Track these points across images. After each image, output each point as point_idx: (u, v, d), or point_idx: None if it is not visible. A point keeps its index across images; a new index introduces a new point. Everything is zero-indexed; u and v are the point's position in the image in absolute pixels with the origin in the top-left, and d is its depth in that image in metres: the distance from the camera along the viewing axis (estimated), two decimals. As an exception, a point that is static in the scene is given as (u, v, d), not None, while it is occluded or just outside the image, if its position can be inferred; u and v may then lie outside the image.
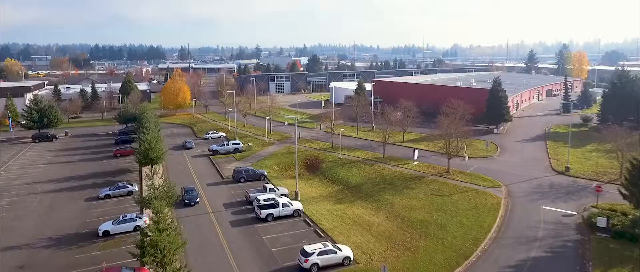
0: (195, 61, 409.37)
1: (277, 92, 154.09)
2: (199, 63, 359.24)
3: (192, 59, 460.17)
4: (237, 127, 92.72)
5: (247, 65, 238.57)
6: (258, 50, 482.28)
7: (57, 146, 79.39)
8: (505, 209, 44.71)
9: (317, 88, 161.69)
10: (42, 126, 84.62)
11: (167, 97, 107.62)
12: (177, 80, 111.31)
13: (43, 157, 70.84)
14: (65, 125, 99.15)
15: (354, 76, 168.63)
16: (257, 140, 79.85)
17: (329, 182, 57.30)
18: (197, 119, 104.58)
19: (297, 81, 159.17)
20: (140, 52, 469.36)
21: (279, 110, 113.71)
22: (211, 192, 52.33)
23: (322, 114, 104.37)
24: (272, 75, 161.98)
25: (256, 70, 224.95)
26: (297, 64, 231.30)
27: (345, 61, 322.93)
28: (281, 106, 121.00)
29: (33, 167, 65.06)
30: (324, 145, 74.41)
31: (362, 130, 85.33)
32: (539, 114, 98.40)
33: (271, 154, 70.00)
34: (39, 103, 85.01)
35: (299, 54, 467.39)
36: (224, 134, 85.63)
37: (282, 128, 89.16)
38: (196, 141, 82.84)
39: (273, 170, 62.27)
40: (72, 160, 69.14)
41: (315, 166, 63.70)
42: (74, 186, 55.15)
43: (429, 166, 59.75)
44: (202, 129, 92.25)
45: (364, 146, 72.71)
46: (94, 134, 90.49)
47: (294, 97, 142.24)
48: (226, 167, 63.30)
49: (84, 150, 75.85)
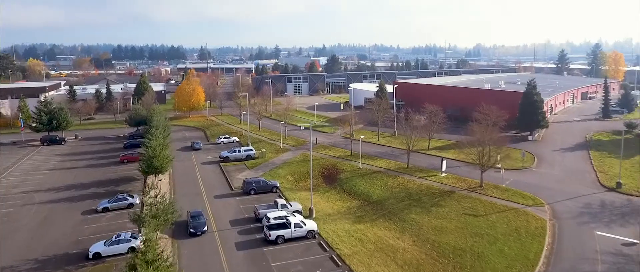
0: (215, 61, 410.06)
1: (295, 93, 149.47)
2: (218, 63, 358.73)
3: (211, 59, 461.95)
4: (251, 131, 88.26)
5: (264, 65, 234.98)
6: (277, 50, 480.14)
7: (65, 150, 76.45)
8: (552, 234, 38.57)
9: (336, 89, 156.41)
10: (52, 129, 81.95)
11: (181, 99, 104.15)
12: (191, 81, 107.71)
13: (48, 162, 67.77)
14: (77, 127, 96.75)
15: (374, 77, 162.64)
16: (272, 146, 75.13)
17: (347, 195, 52.00)
18: (211, 122, 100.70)
19: (315, 82, 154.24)
20: (161, 52, 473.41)
21: (296, 113, 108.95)
22: (218, 206, 47.72)
23: (341, 117, 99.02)
24: (289, 76, 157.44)
25: (274, 71, 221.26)
26: (315, 64, 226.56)
27: (365, 61, 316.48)
28: (298, 108, 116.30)
29: (36, 173, 61.88)
30: (342, 152, 69.13)
31: (383, 135, 79.68)
32: (575, 119, 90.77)
33: (285, 162, 65.11)
34: (49, 105, 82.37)
35: (318, 54, 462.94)
36: (237, 139, 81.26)
37: (298, 133, 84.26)
38: (207, 145, 78.72)
39: (287, 180, 57.33)
40: (76, 166, 65.79)
41: (332, 176, 58.49)
42: (73, 197, 51.42)
43: (459, 178, 53.77)
44: (214, 133, 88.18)
45: (386, 154, 67.10)
46: (104, 137, 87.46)
47: (311, 99, 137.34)
48: (236, 176, 58.71)
49: (91, 154, 72.60)
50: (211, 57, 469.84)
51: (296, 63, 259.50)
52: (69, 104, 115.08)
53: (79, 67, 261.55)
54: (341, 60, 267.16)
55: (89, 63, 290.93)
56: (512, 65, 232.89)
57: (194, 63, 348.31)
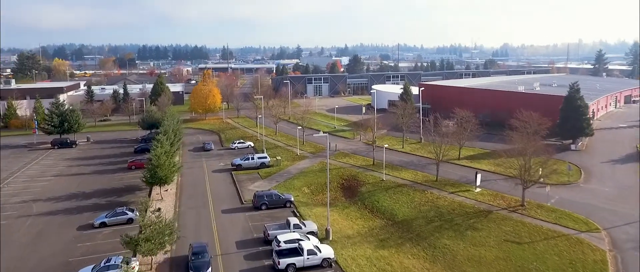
0: (237, 61, 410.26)
1: (315, 94, 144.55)
2: (239, 63, 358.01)
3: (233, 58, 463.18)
4: (268, 135, 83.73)
5: (285, 65, 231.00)
6: (299, 50, 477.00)
7: (75, 154, 73.62)
8: (615, 271, 32.20)
9: (358, 91, 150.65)
10: (63, 131, 79.43)
11: (196, 101, 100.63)
12: (207, 82, 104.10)
13: (55, 168, 64.82)
14: (92, 129, 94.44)
15: (397, 78, 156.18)
16: (288, 152, 70.29)
17: (369, 212, 46.57)
18: (227, 125, 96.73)
19: (336, 83, 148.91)
20: (184, 52, 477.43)
21: (315, 116, 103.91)
22: (224, 223, 43.09)
23: (363, 121, 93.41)
24: (309, 77, 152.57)
25: (295, 71, 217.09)
26: (337, 65, 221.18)
27: (388, 61, 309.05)
28: (318, 111, 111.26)
29: (40, 180, 58.83)
30: (363, 161, 63.66)
31: (408, 142, 73.76)
32: (622, 126, 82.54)
33: (302, 171, 60.11)
34: (60, 107, 79.88)
35: (340, 54, 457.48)
36: (252, 144, 76.79)
37: (317, 138, 79.10)
38: (221, 151, 74.56)
39: (302, 193, 52.31)
40: (83, 172, 62.54)
41: (353, 188, 53.17)
42: (72, 208, 47.78)
43: (497, 194, 47.57)
44: (229, 137, 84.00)
45: (412, 164, 61.26)
46: (116, 140, 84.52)
47: (332, 101, 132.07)
48: (248, 187, 54.05)
49: (100, 159, 69.42)
50: (233, 57, 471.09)
51: (317, 63, 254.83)
52: (85, 105, 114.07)
53: (103, 67, 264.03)
54: (363, 61, 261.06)
55: (113, 63, 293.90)
56: (545, 65, 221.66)
57: (216, 63, 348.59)
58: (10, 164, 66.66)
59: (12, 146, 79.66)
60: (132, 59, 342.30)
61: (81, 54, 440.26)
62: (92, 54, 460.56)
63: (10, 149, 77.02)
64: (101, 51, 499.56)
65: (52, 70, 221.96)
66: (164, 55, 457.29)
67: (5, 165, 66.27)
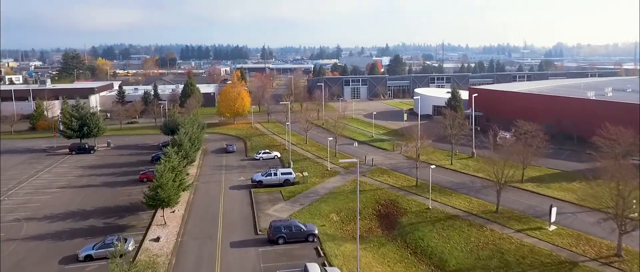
0: (275, 61, 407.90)
1: (352, 97, 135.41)
2: (278, 63, 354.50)
3: (272, 58, 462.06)
4: (297, 143, 75.65)
5: (322, 66, 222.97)
6: (338, 50, 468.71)
7: (90, 161, 68.75)
8: None
9: (399, 93, 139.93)
10: (83, 136, 75.10)
11: (224, 104, 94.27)
12: (236, 84, 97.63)
13: (64, 177, 59.79)
14: (116, 132, 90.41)
15: (442, 80, 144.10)
16: (317, 166, 61.79)
17: (411, 254, 37.13)
18: (255, 131, 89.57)
19: (375, 85, 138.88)
20: (225, 52, 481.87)
21: (351, 122, 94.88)
22: (230, 263, 35.15)
23: (404, 130, 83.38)
24: (346, 78, 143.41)
25: (333, 72, 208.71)
26: (377, 65, 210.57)
27: (431, 62, 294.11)
28: (354, 116, 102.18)
29: (44, 192, 53.67)
30: (405, 180, 54.04)
31: (458, 156, 63.28)
32: None
33: (332, 191, 51.34)
34: (80, 110, 75.58)
35: (380, 53, 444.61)
36: (279, 155, 68.89)
37: (351, 149, 70.08)
38: (244, 161, 67.21)
39: (330, 222, 43.58)
40: (92, 183, 56.98)
41: (391, 217, 43.91)
42: (64, 231, 41.66)
43: (580, 236, 36.72)
44: (255, 145, 76.61)
45: (464, 186, 51.00)
46: (138, 145, 79.33)
47: (370, 105, 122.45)
48: (267, 210, 46.01)
49: (114, 168, 63.95)
50: (272, 57, 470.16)
51: (357, 64, 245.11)
52: (116, 106, 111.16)
53: (145, 67, 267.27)
54: (405, 61, 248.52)
55: (154, 63, 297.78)
56: (610, 67, 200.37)
57: (255, 63, 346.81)
58: (22, 172, 62.44)
59: (33, 150, 76.27)
60: (174, 59, 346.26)
61: (128, 54, 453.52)
62: (139, 53, 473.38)
63: (29, 154, 73.50)
64: (148, 51, 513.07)
65: (96, 70, 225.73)
66: (206, 55, 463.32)
67: (17, 173, 62.12)
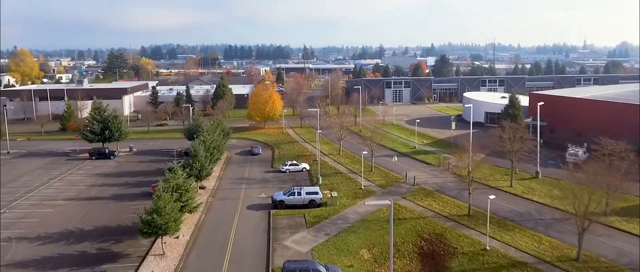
0: (316, 61, 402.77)
1: (394, 100, 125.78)
2: (318, 63, 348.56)
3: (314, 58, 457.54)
4: (330, 153, 67.86)
5: (363, 66, 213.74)
6: (381, 50, 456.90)
7: (108, 168, 64.35)
8: None
9: (446, 97, 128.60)
10: (104, 140, 71.18)
11: (254, 108, 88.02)
12: (267, 86, 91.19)
13: (75, 187, 55.33)
14: (143, 135, 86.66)
15: (494, 83, 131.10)
16: (350, 183, 53.62)
17: (464, 319, 28.22)
18: (285, 137, 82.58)
19: (419, 88, 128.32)
20: (267, 52, 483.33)
21: (391, 129, 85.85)
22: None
23: (453, 140, 73.55)
24: (388, 80, 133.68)
25: (375, 73, 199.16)
26: (421, 66, 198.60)
27: (480, 62, 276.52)
28: (395, 122, 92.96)
29: (48, 205, 49.17)
30: (453, 206, 44.82)
31: (518, 176, 53.03)
32: None
33: (364, 217, 43.04)
34: (102, 112, 71.68)
35: (425, 53, 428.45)
36: (307, 167, 61.26)
37: (390, 163, 61.16)
38: (268, 173, 60.16)
39: (359, 261, 35.36)
40: (100, 195, 52.01)
41: (437, 258, 35.12)
42: (51, 258, 36.28)
43: None
44: (283, 154, 69.49)
45: (529, 217, 41.13)
46: (161, 151, 74.42)
47: (413, 109, 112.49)
48: (285, 241, 38.48)
49: (128, 177, 58.97)
50: (314, 57, 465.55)
51: (400, 64, 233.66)
52: (148, 107, 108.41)
53: (188, 66, 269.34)
54: (452, 61, 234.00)
55: (196, 62, 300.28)
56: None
57: (296, 63, 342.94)
58: (36, 179, 58.76)
59: (56, 153, 73.28)
60: (216, 59, 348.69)
61: (175, 54, 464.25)
62: (186, 53, 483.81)
63: (51, 158, 70.39)
64: (194, 51, 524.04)
65: (140, 69, 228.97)
66: (248, 55, 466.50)
67: (30, 179, 58.51)
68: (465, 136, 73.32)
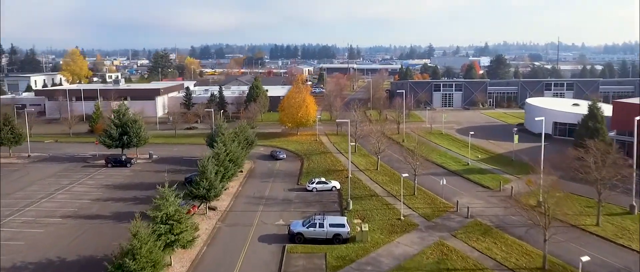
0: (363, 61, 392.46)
1: (443, 105, 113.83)
2: (364, 63, 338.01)
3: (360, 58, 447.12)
4: (366, 168, 58.59)
5: (409, 67, 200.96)
6: (430, 50, 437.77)
7: (120, 178, 58.88)
8: None
9: (503, 102, 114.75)
10: (122, 145, 66.17)
11: (286, 112, 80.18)
12: (301, 89, 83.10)
13: (78, 201, 49.92)
14: (170, 140, 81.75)
15: (561, 86, 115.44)
16: (386, 211, 44.11)
17: None
18: (318, 146, 74.05)
19: (473, 91, 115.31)
20: (313, 52, 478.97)
21: (440, 139, 75.01)
22: None
23: (514, 155, 61.99)
24: (437, 83, 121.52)
25: (423, 74, 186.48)
26: (475, 67, 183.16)
27: (540, 63, 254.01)
28: (445, 131, 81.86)
29: (42, 222, 43.78)
30: (521, 252, 34.24)
31: (607, 210, 41.16)
32: None
33: (401, 264, 33.47)
34: (122, 116, 66.67)
35: (478, 53, 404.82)
36: (337, 186, 52.21)
37: (438, 185, 50.74)
38: (292, 192, 51.80)
39: None
40: (100, 213, 46.06)
41: None
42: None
43: None
44: (313, 168, 60.87)
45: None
46: (183, 159, 68.32)
47: (466, 116, 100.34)
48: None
49: (138, 191, 52.92)
50: (360, 56, 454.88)
51: (451, 65, 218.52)
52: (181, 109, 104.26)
53: (229, 66, 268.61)
54: (509, 62, 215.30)
55: (240, 62, 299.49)
56: None
57: (341, 62, 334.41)
58: (43, 188, 54.09)
59: (75, 158, 69.28)
60: (260, 58, 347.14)
61: (223, 54, 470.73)
62: (235, 53, 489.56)
63: (68, 163, 66.25)
64: (242, 50, 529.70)
65: (184, 69, 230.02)
66: (294, 55, 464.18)
67: (38, 189, 53.90)
68: (530, 151, 61.83)
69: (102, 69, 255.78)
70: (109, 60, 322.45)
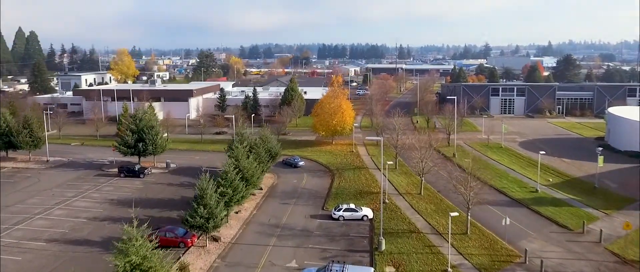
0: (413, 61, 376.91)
1: (502, 112, 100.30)
2: (414, 63, 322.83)
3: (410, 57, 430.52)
4: (406, 192, 48.55)
5: (463, 67, 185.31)
6: (486, 49, 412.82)
7: (128, 190, 52.98)
8: None
9: (575, 109, 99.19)
10: (138, 153, 60.64)
11: (320, 119, 71.46)
12: (337, 93, 74.11)
13: (74, 219, 44.25)
14: (194, 146, 75.96)
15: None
16: (429, 255, 34.13)
17: None
18: (353, 159, 64.66)
19: (538, 97, 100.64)
20: (361, 51, 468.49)
21: (500, 155, 63.19)
22: None
23: (597, 179, 49.48)
24: (495, 86, 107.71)
25: (478, 76, 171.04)
26: (538, 68, 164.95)
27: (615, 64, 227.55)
28: (505, 144, 69.61)
29: (24, 247, 38.24)
30: None
31: None
32: None
33: None
34: (139, 121, 61.13)
35: (540, 53, 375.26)
36: (370, 215, 42.69)
37: (499, 221, 39.63)
38: (315, 219, 42.98)
39: None
40: (90, 238, 39.88)
41: None
42: None
43: None
44: (343, 188, 51.60)
45: None
46: (202, 169, 61.17)
47: (530, 125, 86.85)
48: None
49: (143, 209, 46.45)
50: (410, 56, 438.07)
51: (510, 65, 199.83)
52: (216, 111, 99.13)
53: (273, 65, 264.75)
54: (578, 62, 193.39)
55: (286, 61, 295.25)
56: None
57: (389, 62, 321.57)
58: (44, 201, 49.01)
59: (93, 165, 64.73)
60: (306, 58, 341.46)
61: (271, 53, 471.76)
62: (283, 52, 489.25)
63: (83, 170, 61.56)
64: (290, 50, 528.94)
65: (229, 69, 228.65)
66: (342, 54, 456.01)
67: (39, 201, 49.04)
68: (618, 175, 49.13)
69: (152, 68, 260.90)
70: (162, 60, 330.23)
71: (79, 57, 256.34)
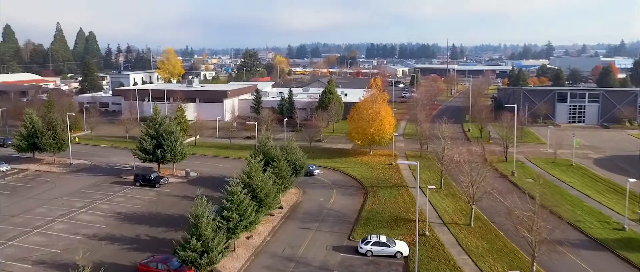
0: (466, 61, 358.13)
1: (571, 121, 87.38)
2: (467, 63, 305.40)
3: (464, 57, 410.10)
4: (452, 221, 39.99)
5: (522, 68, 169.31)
6: (549, 48, 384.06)
7: (139, 203, 48.39)
8: None
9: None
10: (157, 160, 56.31)
11: (356, 126, 63.73)
12: (376, 98, 66.11)
13: (71, 237, 39.98)
14: (220, 151, 71.14)
15: None
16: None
17: None
18: (392, 174, 56.44)
19: (615, 103, 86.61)
20: (411, 51, 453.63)
21: (571, 175, 52.47)
22: None
23: None
24: (562, 90, 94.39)
25: (540, 78, 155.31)
26: (612, 69, 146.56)
27: None
28: (576, 161, 58.44)
29: (9, 268, 34.03)
30: None
31: None
32: None
33: None
34: (158, 126, 56.76)
35: (612, 53, 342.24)
36: (404, 251, 34.67)
37: (568, 266, 30.25)
38: (339, 253, 35.67)
39: None
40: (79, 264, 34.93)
41: None
42: None
43: None
44: (375, 212, 43.73)
45: None
46: (224, 180, 55.69)
47: (606, 137, 74.18)
48: None
49: (148, 227, 41.62)
50: (463, 56, 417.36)
51: (577, 66, 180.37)
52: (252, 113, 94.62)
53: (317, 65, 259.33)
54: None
55: (332, 61, 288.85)
56: None
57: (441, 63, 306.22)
58: (49, 212, 45.30)
59: (113, 170, 61.25)
60: (354, 57, 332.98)
61: (319, 53, 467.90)
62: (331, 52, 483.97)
63: (101, 176, 57.88)
64: (338, 49, 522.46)
65: (273, 68, 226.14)
66: (391, 54, 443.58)
67: (45, 212, 45.62)
68: None
69: (200, 67, 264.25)
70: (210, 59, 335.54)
71: (133, 57, 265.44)
